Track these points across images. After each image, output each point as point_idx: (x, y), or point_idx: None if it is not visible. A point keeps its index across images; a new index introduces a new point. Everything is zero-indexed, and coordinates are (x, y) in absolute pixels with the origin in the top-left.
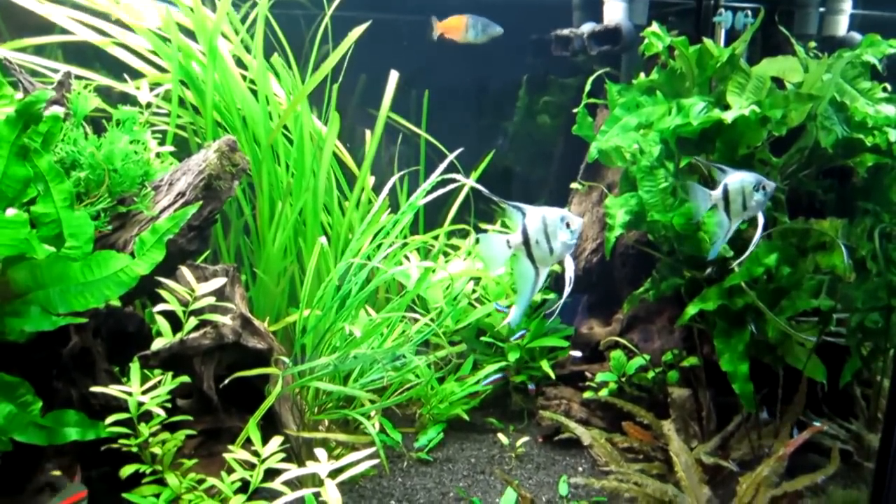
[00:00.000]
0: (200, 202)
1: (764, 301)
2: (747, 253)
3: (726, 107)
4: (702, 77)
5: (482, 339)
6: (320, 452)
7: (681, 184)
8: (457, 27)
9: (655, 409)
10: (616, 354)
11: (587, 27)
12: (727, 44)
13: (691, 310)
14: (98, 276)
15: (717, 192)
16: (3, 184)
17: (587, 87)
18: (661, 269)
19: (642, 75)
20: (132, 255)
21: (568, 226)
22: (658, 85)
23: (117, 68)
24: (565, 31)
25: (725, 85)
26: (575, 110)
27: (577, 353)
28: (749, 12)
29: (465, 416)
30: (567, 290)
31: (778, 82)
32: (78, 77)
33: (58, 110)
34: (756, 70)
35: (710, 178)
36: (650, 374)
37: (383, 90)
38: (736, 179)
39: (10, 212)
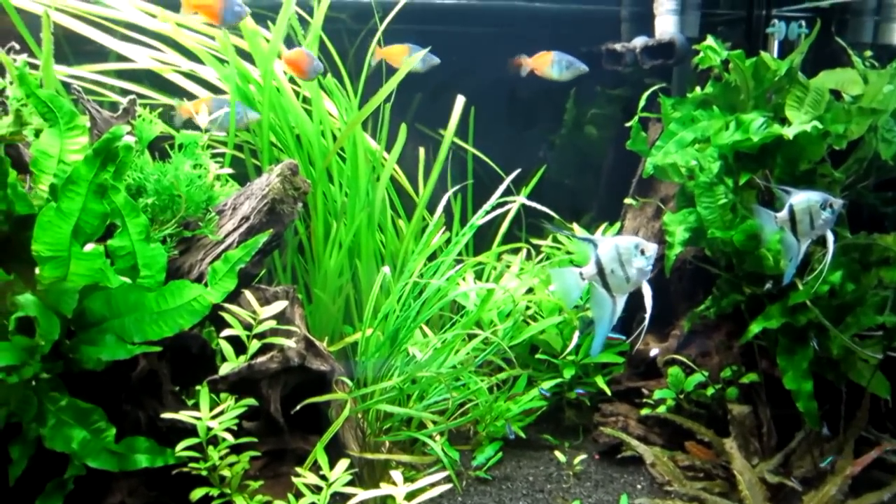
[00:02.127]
0: (271, 230)
1: (827, 317)
2: (823, 272)
3: (783, 120)
4: (758, 90)
5: (536, 355)
6: (395, 475)
7: (744, 204)
8: (544, 62)
9: (714, 425)
10: (674, 370)
11: (640, 41)
12: (780, 55)
13: (755, 328)
14: (172, 305)
15: (784, 214)
16: (82, 220)
17: (641, 102)
18: (721, 286)
19: (697, 89)
20: (198, 279)
21: (643, 252)
22: (712, 98)
23: (168, 88)
24: (617, 46)
25: (783, 98)
26: (628, 124)
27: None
28: (803, 22)
29: (522, 434)
30: (648, 315)
31: (834, 93)
32: (135, 94)
33: (129, 139)
34: (814, 83)
35: (769, 194)
36: (709, 391)
37: (429, 104)
38: (801, 199)
39: (89, 247)
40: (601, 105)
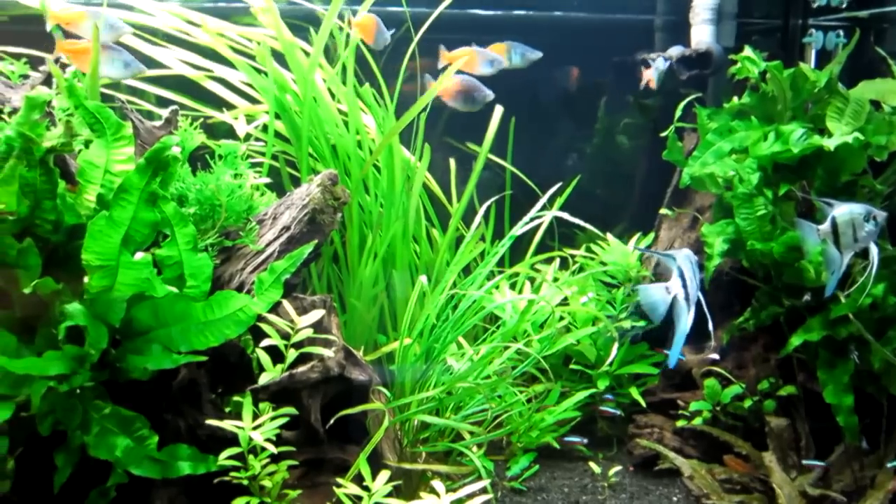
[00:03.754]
0: (314, 241)
1: (869, 331)
2: (868, 284)
3: (821, 131)
4: (796, 101)
5: (570, 366)
6: (437, 485)
7: (783, 215)
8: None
9: (750, 438)
10: (710, 382)
11: (675, 51)
12: (818, 64)
13: (795, 340)
14: (218, 315)
15: (826, 226)
16: (132, 228)
17: (677, 112)
18: (760, 298)
19: (735, 99)
20: (238, 288)
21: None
22: (749, 108)
23: (204, 97)
24: (652, 55)
25: (821, 109)
26: (663, 134)
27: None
28: (841, 32)
29: (556, 444)
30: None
31: (874, 103)
32: (176, 104)
33: (175, 150)
34: (854, 93)
35: (808, 205)
36: (746, 403)
37: (461, 114)
38: (844, 211)
39: (139, 255)
40: (633, 114)
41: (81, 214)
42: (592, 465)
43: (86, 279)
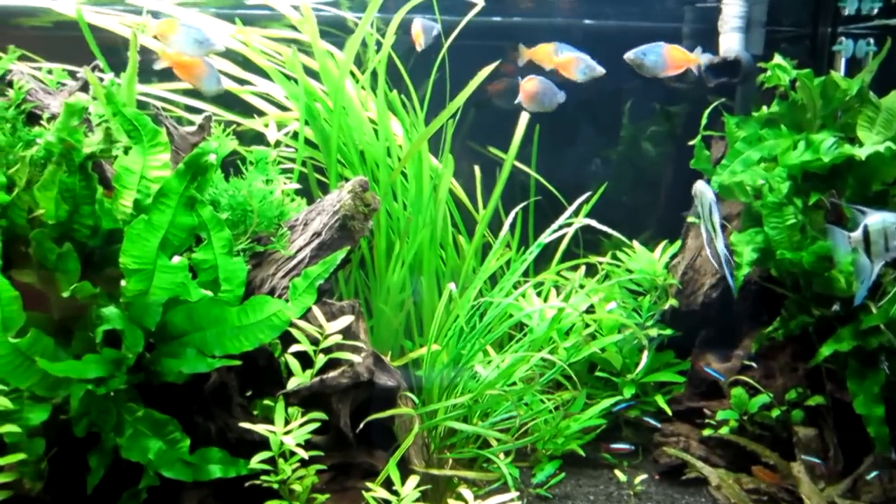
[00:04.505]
0: (347, 247)
1: None
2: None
3: (852, 140)
4: (826, 109)
5: (595, 373)
6: (466, 493)
7: (813, 224)
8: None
9: (778, 448)
10: (737, 391)
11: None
12: (847, 73)
13: (825, 350)
14: (253, 320)
15: (857, 234)
16: (170, 233)
17: (704, 120)
18: (790, 307)
19: (764, 108)
20: (269, 293)
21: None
22: (778, 117)
23: (229, 103)
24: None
25: (852, 118)
26: (691, 142)
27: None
28: (871, 40)
29: (581, 452)
30: None
31: None
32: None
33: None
34: (885, 102)
35: (842, 214)
36: (774, 413)
37: (485, 120)
38: (877, 220)
39: (176, 259)
40: (659, 122)
41: (118, 219)
42: (618, 473)
43: (122, 283)
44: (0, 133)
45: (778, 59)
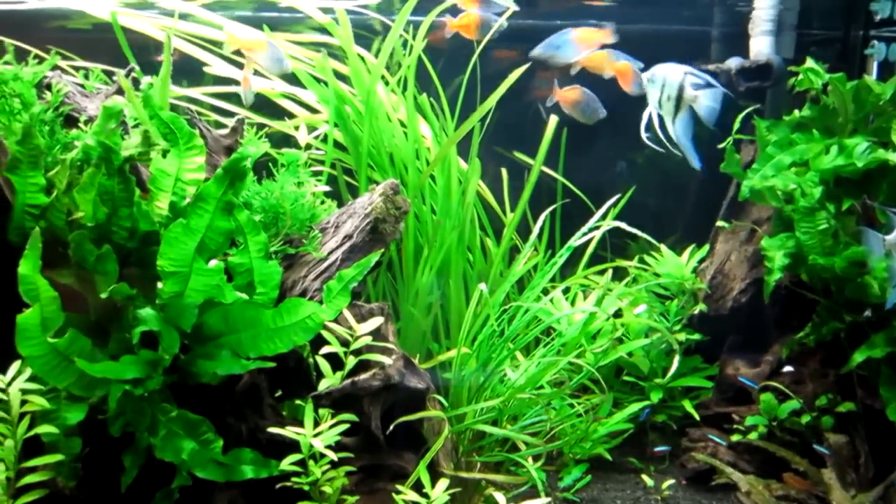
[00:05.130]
0: (381, 250)
1: None
2: None
3: (885, 144)
4: (858, 114)
5: (622, 377)
6: (499, 496)
7: (845, 230)
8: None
9: (807, 454)
10: (766, 397)
11: (734, 62)
12: (879, 76)
13: (858, 357)
14: (287, 322)
15: (893, 237)
16: (207, 236)
17: (736, 124)
18: (821, 313)
19: (796, 112)
20: (301, 295)
21: None
22: (809, 121)
23: (258, 106)
24: (710, 67)
25: (886, 122)
26: (721, 146)
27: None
28: None
29: (608, 456)
30: None
31: None
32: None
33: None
34: None
35: (874, 219)
36: (804, 419)
37: (512, 124)
38: None
39: (213, 263)
40: None
41: (154, 221)
42: (645, 477)
43: (159, 285)
44: (39, 136)
45: (810, 62)
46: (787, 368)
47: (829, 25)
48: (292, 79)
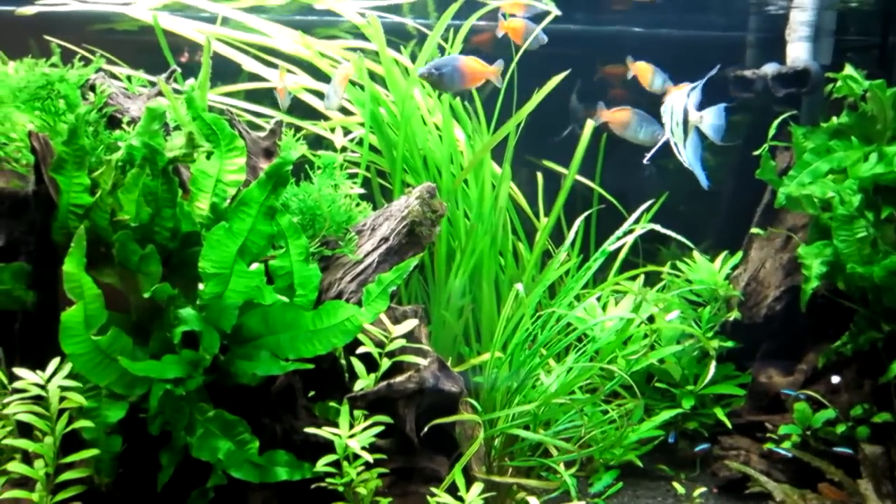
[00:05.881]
0: (420, 254)
1: None
2: None
3: None
4: None
5: (652, 383)
6: (533, 501)
7: (885, 238)
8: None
9: (842, 465)
10: (801, 406)
11: (771, 68)
12: None
13: None
14: (327, 324)
15: None
16: (249, 240)
17: (771, 130)
18: (859, 322)
19: (834, 119)
20: (336, 297)
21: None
22: (847, 128)
23: (300, 110)
24: (747, 73)
25: None
26: (756, 152)
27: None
28: None
29: (639, 462)
30: None
31: None
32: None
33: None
34: None
35: None
36: (839, 429)
37: (547, 129)
38: None
39: (254, 266)
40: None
41: (196, 222)
42: (676, 485)
43: (200, 286)
44: (84, 136)
45: (849, 69)
46: (835, 379)
47: (868, 31)
48: (326, 80)
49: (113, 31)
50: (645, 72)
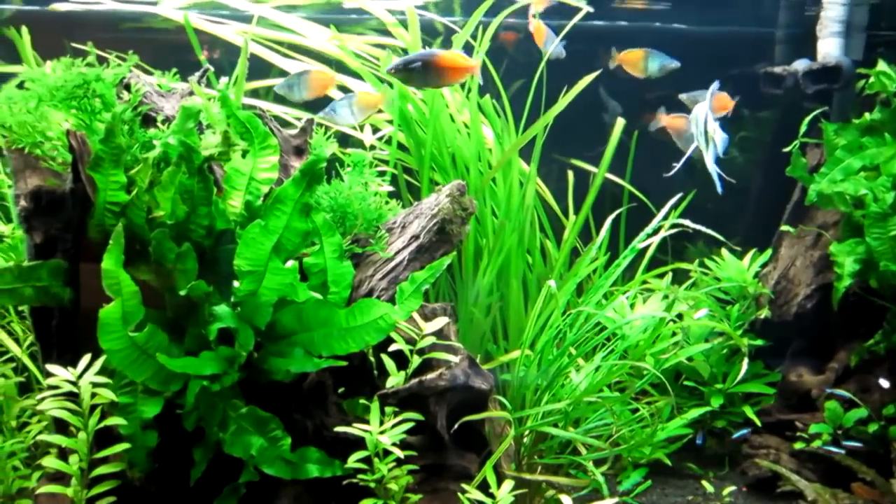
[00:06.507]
0: (448, 251)
1: None
2: None
3: None
4: None
5: (681, 382)
6: (566, 500)
7: None
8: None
9: (874, 464)
10: (831, 405)
11: (801, 64)
12: None
13: None
14: (360, 322)
15: None
16: (284, 237)
17: (803, 127)
18: (892, 320)
19: (867, 115)
20: (367, 295)
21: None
22: (879, 124)
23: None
24: (777, 69)
25: None
26: (787, 149)
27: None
28: None
29: (667, 461)
30: None
31: None
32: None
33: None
34: None
35: None
36: (871, 428)
37: (574, 126)
38: None
39: (289, 264)
40: (749, 128)
41: (230, 220)
42: (705, 483)
43: (235, 283)
44: (120, 135)
45: (882, 65)
46: (884, 383)
47: None
48: (353, 75)
49: (133, 30)
50: (636, 60)
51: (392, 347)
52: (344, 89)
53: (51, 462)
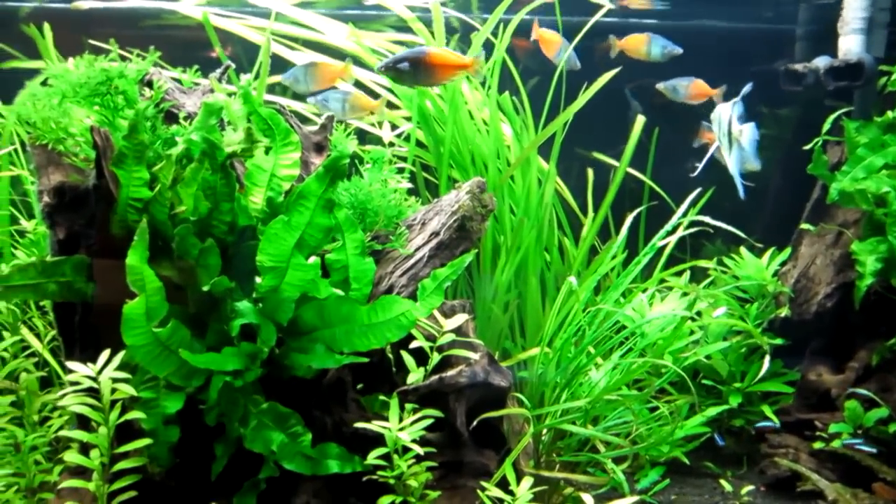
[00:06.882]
0: (468, 248)
1: None
2: None
3: None
4: None
5: (699, 380)
6: (587, 497)
7: None
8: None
9: (895, 463)
10: (851, 404)
11: (822, 61)
12: None
13: None
14: (382, 318)
15: None
16: (307, 233)
17: (826, 125)
18: None
19: (889, 113)
20: (387, 291)
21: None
22: None
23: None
24: (798, 66)
25: None
26: (807, 147)
27: None
28: None
29: (685, 460)
30: None
31: None
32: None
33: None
34: None
35: None
36: (892, 428)
37: (594, 122)
38: None
39: (312, 259)
40: (768, 125)
41: (252, 216)
42: (723, 482)
43: (257, 279)
44: (143, 131)
45: None
46: None
47: None
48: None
49: (149, 27)
50: (637, 45)
51: (412, 344)
52: (359, 85)
53: (72, 457)
